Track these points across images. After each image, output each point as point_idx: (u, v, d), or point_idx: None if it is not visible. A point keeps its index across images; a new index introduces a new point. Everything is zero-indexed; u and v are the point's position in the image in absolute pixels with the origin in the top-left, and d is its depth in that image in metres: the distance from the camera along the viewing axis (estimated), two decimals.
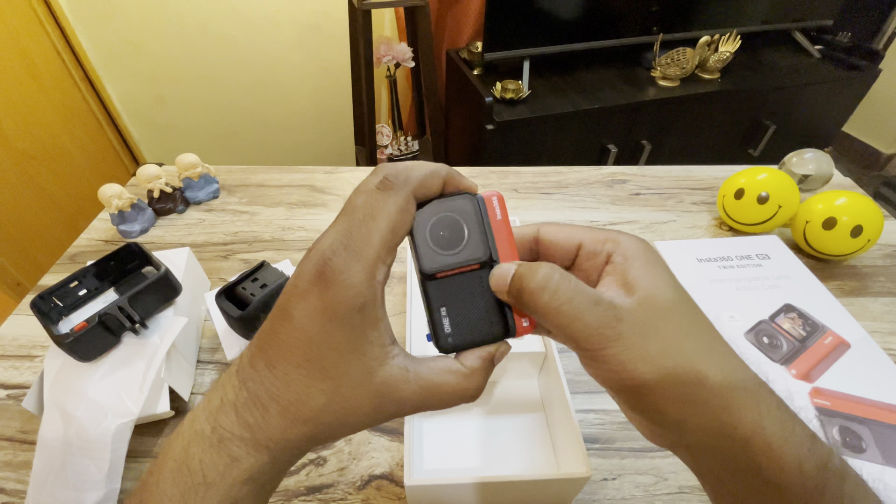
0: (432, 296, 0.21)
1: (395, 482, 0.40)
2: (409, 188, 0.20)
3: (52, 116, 1.39)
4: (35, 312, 0.42)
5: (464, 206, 0.21)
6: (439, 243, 0.21)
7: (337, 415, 0.19)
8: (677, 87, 1.45)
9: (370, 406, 0.19)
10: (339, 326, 0.18)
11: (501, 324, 0.21)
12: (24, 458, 0.41)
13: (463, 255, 0.21)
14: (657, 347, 0.18)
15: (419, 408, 0.20)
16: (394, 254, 0.20)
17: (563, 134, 1.41)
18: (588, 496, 0.39)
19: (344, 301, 0.18)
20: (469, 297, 0.21)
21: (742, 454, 0.18)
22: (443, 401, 0.20)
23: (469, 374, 0.21)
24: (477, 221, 0.21)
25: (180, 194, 0.70)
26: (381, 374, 0.19)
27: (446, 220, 0.21)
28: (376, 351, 0.19)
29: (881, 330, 0.52)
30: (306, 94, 1.75)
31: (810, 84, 1.54)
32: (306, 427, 0.19)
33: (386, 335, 0.20)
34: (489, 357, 0.21)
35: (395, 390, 0.19)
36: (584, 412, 0.45)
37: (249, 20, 1.54)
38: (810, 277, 0.57)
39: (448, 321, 0.21)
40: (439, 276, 0.21)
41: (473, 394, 0.21)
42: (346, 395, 0.19)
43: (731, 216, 0.65)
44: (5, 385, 0.47)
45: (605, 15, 1.42)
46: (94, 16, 1.45)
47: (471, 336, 0.21)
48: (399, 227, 0.19)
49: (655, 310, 0.19)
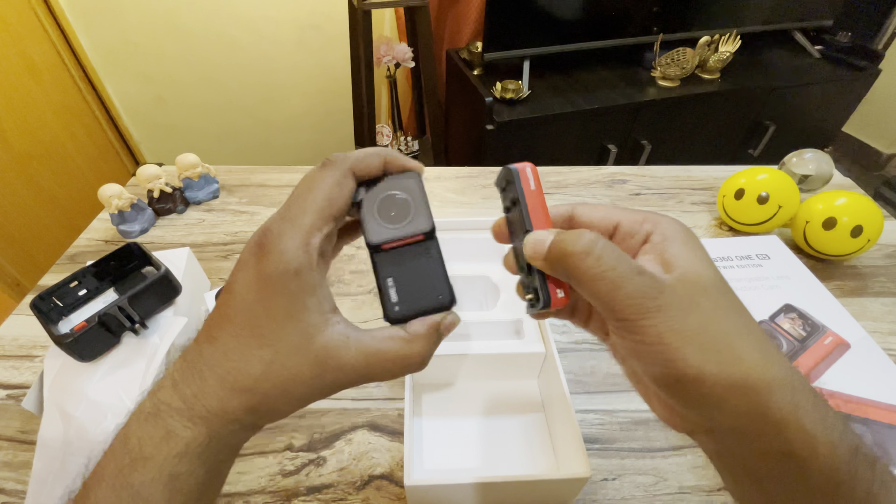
0: (380, 267, 0.22)
1: (395, 482, 0.40)
2: (347, 164, 0.21)
3: (52, 116, 1.39)
4: (35, 312, 0.42)
5: (409, 183, 0.22)
6: (386, 217, 0.22)
7: (275, 383, 0.19)
8: (677, 87, 1.45)
9: (309, 373, 0.19)
10: (275, 292, 0.19)
11: (448, 293, 0.22)
12: (24, 458, 0.41)
13: (409, 228, 0.22)
14: (696, 323, 0.18)
15: (362, 376, 0.20)
16: (331, 224, 0.20)
17: (563, 134, 1.41)
18: (588, 496, 0.39)
19: (278, 266, 0.19)
20: (416, 268, 0.22)
21: (775, 437, 0.17)
22: (385, 368, 0.20)
23: (411, 339, 0.21)
24: (422, 196, 0.22)
25: (180, 194, 0.70)
26: (320, 340, 0.19)
27: (392, 196, 0.22)
28: (314, 317, 0.19)
29: (881, 330, 0.52)
30: (306, 94, 1.75)
31: (810, 84, 1.54)
32: (245, 397, 0.19)
33: (325, 302, 0.20)
34: (434, 325, 0.21)
35: (334, 357, 0.19)
36: (584, 412, 0.45)
37: (249, 20, 1.54)
38: (810, 277, 0.56)
39: (394, 291, 0.21)
40: (385, 248, 0.22)
41: (417, 361, 0.21)
42: (285, 362, 0.19)
43: (731, 216, 0.65)
44: (5, 385, 0.47)
45: (605, 15, 1.42)
46: (94, 16, 1.45)
47: (417, 305, 0.21)
48: (335, 198, 0.20)
49: (695, 287, 0.19)
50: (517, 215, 0.23)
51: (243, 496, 0.39)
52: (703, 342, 0.18)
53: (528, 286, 0.23)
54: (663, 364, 0.18)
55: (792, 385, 0.18)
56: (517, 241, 0.23)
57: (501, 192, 0.25)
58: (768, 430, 0.17)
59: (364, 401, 0.45)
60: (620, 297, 0.18)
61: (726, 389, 0.17)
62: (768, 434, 0.17)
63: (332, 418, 0.44)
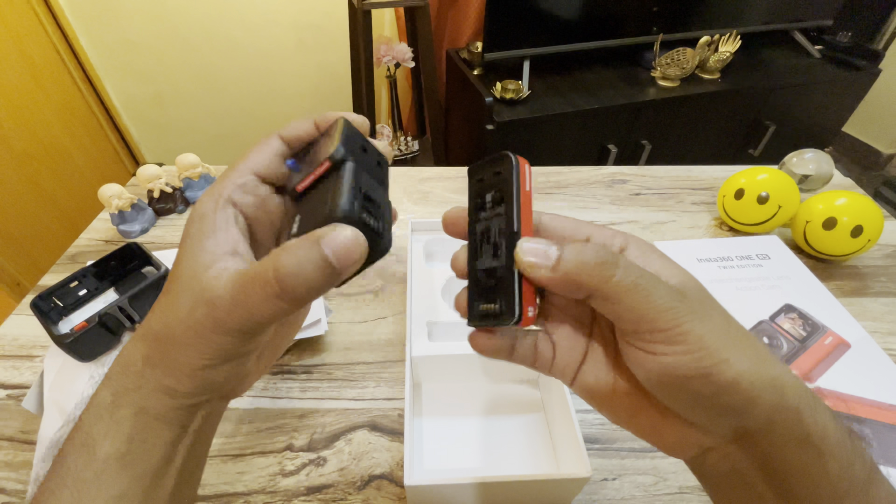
0: (295, 212, 0.20)
1: (395, 482, 0.40)
2: (276, 132, 0.22)
3: (52, 116, 1.39)
4: (35, 312, 0.42)
5: (331, 127, 0.21)
6: (303, 163, 0.21)
7: (163, 325, 0.19)
8: (677, 87, 1.45)
9: (186, 309, 0.18)
10: (184, 238, 0.20)
11: (344, 204, 0.18)
12: (24, 458, 0.41)
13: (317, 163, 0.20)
14: (718, 326, 0.18)
15: (232, 308, 0.18)
16: (247, 175, 0.21)
17: (563, 134, 1.41)
18: (588, 496, 0.39)
19: (192, 214, 0.20)
20: (321, 196, 0.19)
21: (796, 424, 0.18)
22: (253, 291, 0.17)
23: (278, 251, 0.17)
24: (340, 130, 0.20)
25: (180, 194, 0.70)
26: (204, 276, 0.18)
27: (310, 146, 0.22)
28: (206, 257, 0.19)
29: (881, 330, 0.52)
30: (306, 94, 1.75)
31: (810, 84, 1.54)
32: (141, 344, 0.19)
33: (223, 245, 0.19)
34: (313, 237, 0.17)
35: (206, 290, 0.18)
36: (584, 412, 0.45)
37: (250, 20, 1.54)
38: (810, 277, 0.56)
39: (296, 225, 0.19)
40: (300, 190, 0.20)
41: (287, 275, 0.16)
42: (172, 301, 0.19)
43: (731, 216, 0.65)
44: (5, 385, 0.47)
45: (605, 15, 1.42)
46: (94, 16, 1.45)
47: (308, 227, 0.18)
48: (253, 155, 0.21)
49: (699, 293, 0.19)
50: (497, 214, 0.20)
51: (243, 496, 0.39)
52: (732, 343, 0.18)
53: (483, 295, 0.20)
54: (706, 371, 0.17)
55: (792, 375, 0.18)
56: (486, 241, 0.21)
57: (476, 182, 0.22)
58: (790, 417, 0.17)
59: (364, 401, 0.46)
60: (656, 307, 0.17)
61: (759, 388, 0.17)
62: (790, 421, 0.17)
63: (332, 418, 0.44)
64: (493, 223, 0.21)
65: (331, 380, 0.47)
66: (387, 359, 0.49)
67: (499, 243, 0.20)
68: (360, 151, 0.20)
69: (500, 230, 0.20)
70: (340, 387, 0.47)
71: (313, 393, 0.46)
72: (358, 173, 0.19)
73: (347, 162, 0.19)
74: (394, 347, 0.50)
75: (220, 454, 0.41)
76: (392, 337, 0.52)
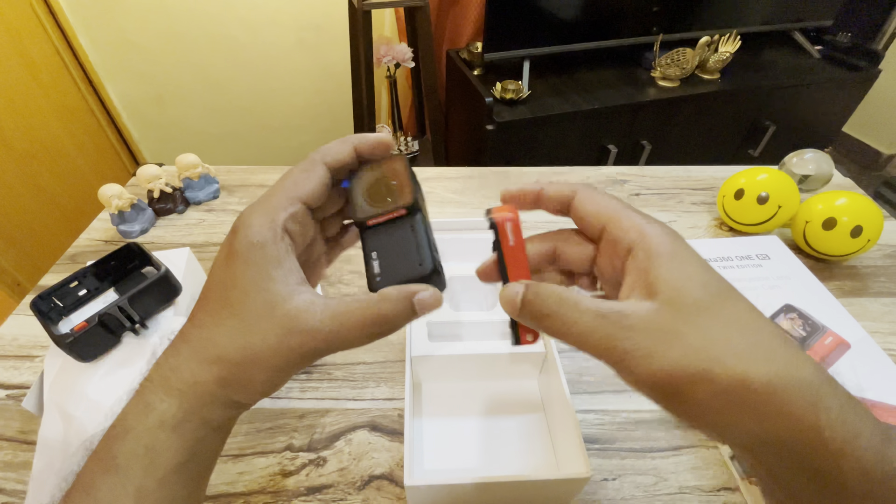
0: (366, 243, 0.23)
1: (395, 482, 0.40)
2: (317, 156, 0.23)
3: (52, 116, 1.39)
4: (35, 312, 0.42)
5: (395, 166, 0.24)
6: (372, 197, 0.23)
7: (242, 351, 0.19)
8: (677, 88, 1.45)
9: (275, 338, 0.19)
10: (240, 263, 0.20)
11: (428, 261, 0.22)
12: (24, 458, 0.41)
13: (391, 205, 0.23)
14: (681, 352, 0.17)
15: (330, 337, 0.20)
16: (297, 205, 0.22)
17: (563, 134, 1.41)
18: (588, 496, 0.39)
19: (244, 240, 0.20)
20: (399, 241, 0.22)
21: (799, 454, 0.17)
22: (352, 328, 0.20)
23: (380, 299, 0.20)
24: (406, 176, 0.23)
25: (180, 194, 0.70)
26: (285, 306, 0.20)
27: (377, 178, 0.24)
28: (279, 287, 0.20)
29: (881, 330, 0.52)
30: (306, 94, 1.75)
31: (810, 84, 1.54)
32: (215, 368, 0.20)
33: (292, 276, 0.21)
34: (408, 292, 0.21)
35: (300, 321, 0.20)
36: (584, 412, 0.45)
37: (249, 20, 1.54)
38: (810, 278, 0.56)
39: (377, 264, 0.22)
40: (370, 224, 0.23)
41: (382, 321, 0.20)
42: (250, 328, 0.19)
43: (731, 216, 0.65)
44: (5, 385, 0.47)
45: (605, 15, 1.42)
46: (94, 16, 1.45)
47: (397, 275, 0.22)
48: (301, 182, 0.22)
49: (679, 312, 0.18)
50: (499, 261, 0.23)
51: (243, 496, 0.39)
52: (694, 371, 0.17)
53: (511, 322, 0.24)
54: (664, 396, 0.18)
55: (815, 400, 0.17)
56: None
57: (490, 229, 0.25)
58: (789, 448, 0.17)
59: (364, 401, 0.46)
60: (593, 345, 0.19)
61: (735, 414, 0.17)
62: (789, 452, 0.17)
63: (332, 418, 0.44)
64: None
65: (331, 380, 0.47)
66: (387, 359, 0.49)
67: None
68: (420, 192, 0.24)
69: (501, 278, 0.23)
70: (340, 387, 0.47)
71: (313, 393, 0.46)
72: (427, 223, 0.23)
73: (419, 213, 0.23)
74: (394, 347, 0.50)
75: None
76: (392, 337, 0.51)
